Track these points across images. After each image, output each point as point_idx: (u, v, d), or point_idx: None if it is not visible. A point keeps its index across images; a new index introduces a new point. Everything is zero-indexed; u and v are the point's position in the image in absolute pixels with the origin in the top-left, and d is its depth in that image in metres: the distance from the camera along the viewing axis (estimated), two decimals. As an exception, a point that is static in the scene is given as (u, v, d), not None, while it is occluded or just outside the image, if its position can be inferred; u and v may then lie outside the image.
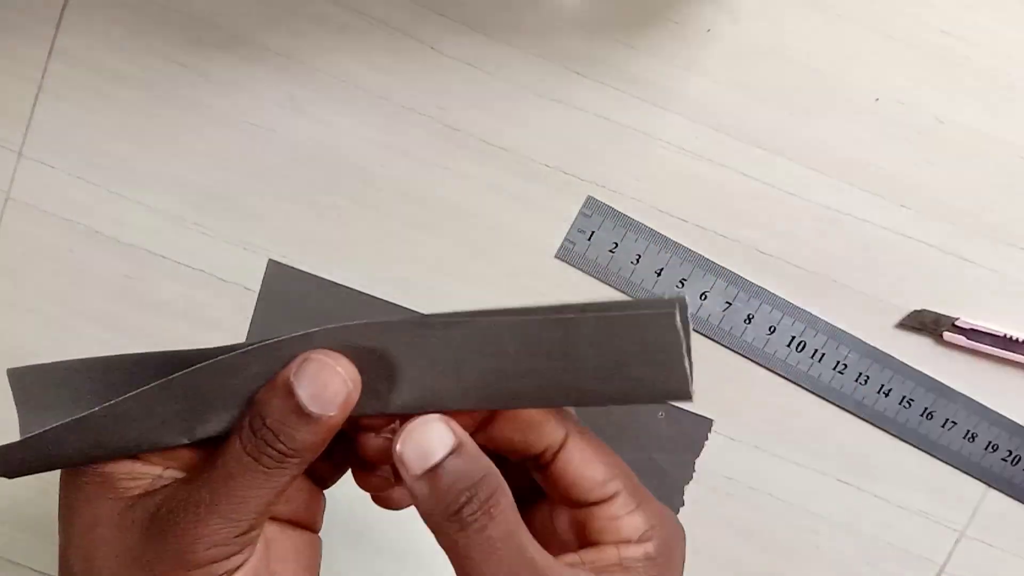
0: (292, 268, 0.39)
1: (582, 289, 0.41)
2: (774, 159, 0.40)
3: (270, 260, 0.40)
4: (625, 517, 0.26)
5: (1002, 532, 0.41)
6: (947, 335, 0.40)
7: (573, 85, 0.40)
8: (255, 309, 0.40)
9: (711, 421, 0.41)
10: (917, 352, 0.40)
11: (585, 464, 0.26)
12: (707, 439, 0.41)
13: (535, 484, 0.27)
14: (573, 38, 0.39)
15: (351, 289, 0.40)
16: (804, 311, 0.40)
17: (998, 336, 0.39)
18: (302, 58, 0.40)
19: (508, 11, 0.39)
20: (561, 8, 0.39)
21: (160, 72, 0.40)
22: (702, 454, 0.41)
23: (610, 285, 0.40)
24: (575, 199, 0.40)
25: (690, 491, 0.42)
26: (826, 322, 0.40)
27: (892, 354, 0.40)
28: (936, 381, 0.40)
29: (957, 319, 0.40)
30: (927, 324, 0.39)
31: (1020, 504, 0.41)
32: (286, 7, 0.39)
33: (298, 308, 0.40)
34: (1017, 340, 0.39)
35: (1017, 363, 0.40)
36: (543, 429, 0.25)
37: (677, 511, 0.41)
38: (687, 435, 0.41)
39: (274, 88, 0.40)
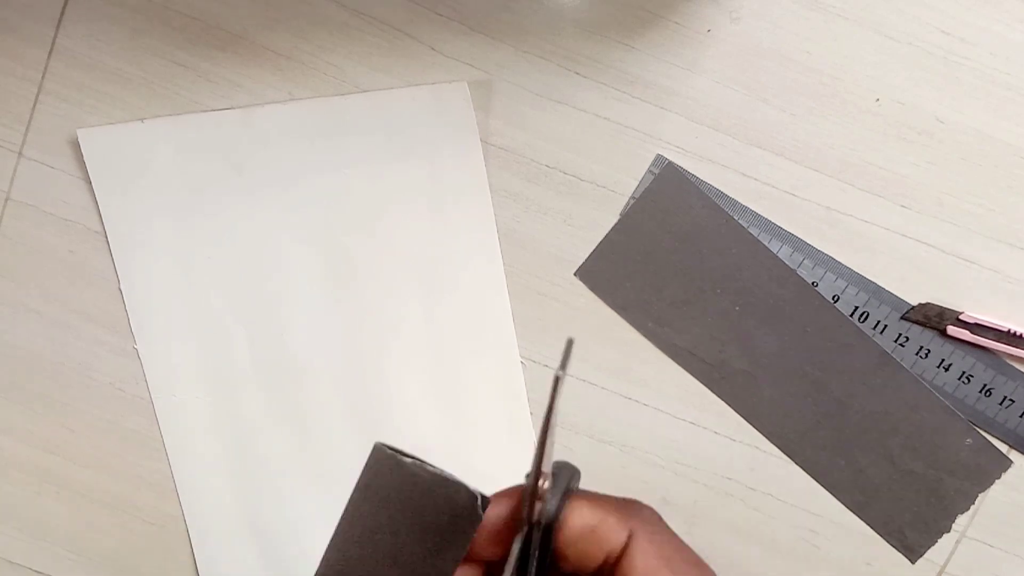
0: (687, 173, 0.37)
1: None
2: (774, 159, 0.40)
3: (668, 161, 0.38)
4: None
5: (1002, 532, 0.41)
6: (951, 329, 0.40)
7: (573, 85, 0.40)
8: (634, 205, 0.38)
9: (1011, 463, 0.40)
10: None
11: (647, 567, 0.23)
12: (999, 477, 0.41)
13: None
14: (573, 38, 0.39)
15: (733, 219, 0.38)
16: (868, 280, 0.40)
17: (1002, 331, 0.39)
18: (302, 58, 0.40)
19: (508, 11, 0.39)
20: (561, 8, 0.39)
21: (160, 72, 0.40)
22: (710, 454, 0.42)
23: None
24: (573, 199, 0.40)
25: (689, 491, 0.42)
26: (890, 292, 0.40)
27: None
28: (996, 358, 0.40)
29: (961, 313, 0.40)
30: (931, 318, 0.39)
31: None
32: (286, 7, 0.39)
33: (676, 214, 0.39)
34: (1021, 335, 0.39)
35: (1021, 358, 0.40)
36: (597, 535, 0.23)
37: (941, 535, 0.41)
38: (982, 468, 0.40)
39: (274, 88, 0.40)
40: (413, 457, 0.26)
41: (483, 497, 0.24)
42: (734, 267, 0.40)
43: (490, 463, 0.42)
